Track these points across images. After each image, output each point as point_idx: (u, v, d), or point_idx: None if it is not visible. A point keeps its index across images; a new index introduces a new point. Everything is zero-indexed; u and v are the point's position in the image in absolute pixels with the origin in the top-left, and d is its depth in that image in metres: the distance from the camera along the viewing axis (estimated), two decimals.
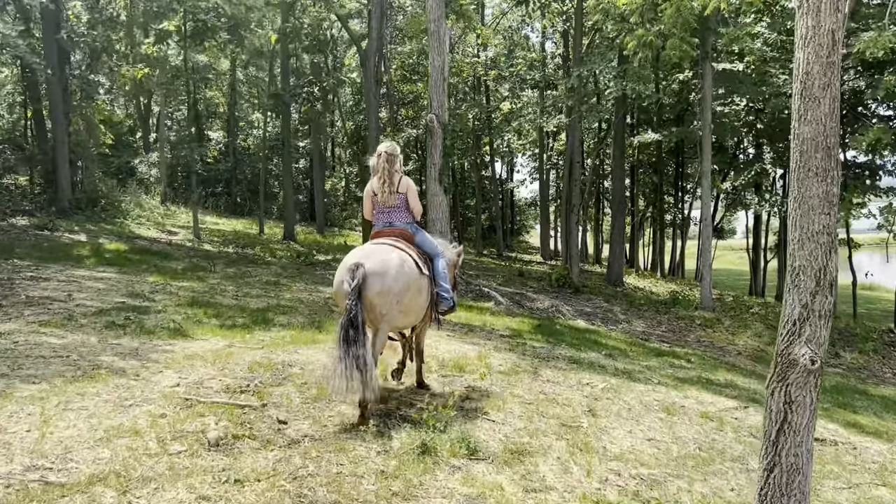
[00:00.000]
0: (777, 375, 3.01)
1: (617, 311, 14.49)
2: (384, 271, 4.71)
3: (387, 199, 5.36)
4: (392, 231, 5.36)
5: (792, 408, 2.95)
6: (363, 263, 4.64)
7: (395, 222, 5.40)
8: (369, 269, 4.63)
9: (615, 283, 19.02)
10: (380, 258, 4.79)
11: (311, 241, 22.37)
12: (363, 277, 4.56)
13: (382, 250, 4.93)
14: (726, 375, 9.11)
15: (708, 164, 14.55)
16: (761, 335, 13.14)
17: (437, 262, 5.57)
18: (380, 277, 4.66)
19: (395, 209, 5.42)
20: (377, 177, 5.35)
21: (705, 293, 14.76)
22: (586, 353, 9.01)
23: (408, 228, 5.44)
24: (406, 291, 4.86)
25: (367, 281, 4.58)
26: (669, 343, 11.80)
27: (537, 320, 11.79)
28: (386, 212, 5.43)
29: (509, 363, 7.33)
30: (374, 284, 4.62)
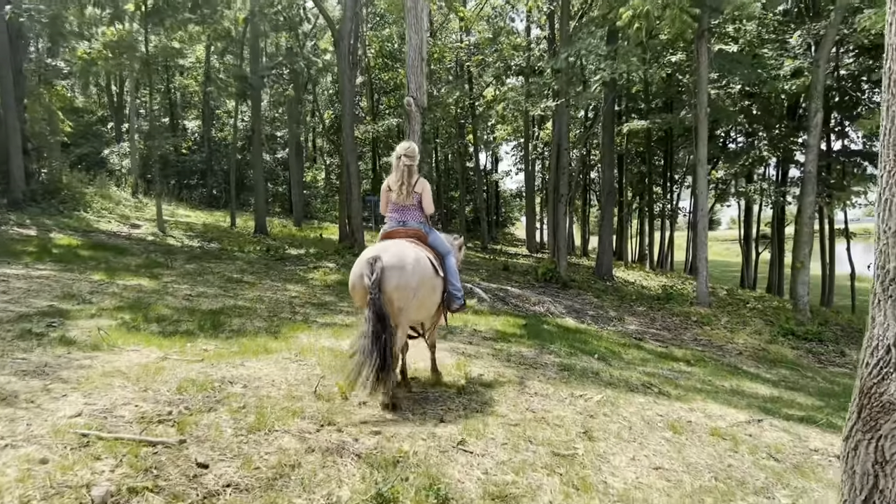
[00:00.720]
0: (862, 424, 2.16)
1: (608, 307, 13.67)
2: (402, 266, 4.82)
3: (403, 199, 5.49)
4: (406, 231, 5.47)
5: (885, 469, 2.09)
6: (381, 257, 4.77)
7: (409, 222, 5.52)
8: (387, 264, 4.74)
9: (604, 276, 18.22)
10: (397, 253, 4.90)
11: (285, 234, 21.38)
12: (381, 271, 4.68)
13: (399, 245, 5.06)
14: (731, 380, 8.31)
15: (704, 151, 13.74)
16: (761, 332, 12.38)
17: (449, 261, 5.70)
18: (397, 272, 4.77)
19: (409, 209, 5.54)
20: (395, 176, 5.48)
21: (701, 288, 13.99)
22: (578, 358, 8.17)
23: (421, 228, 5.55)
24: (421, 287, 4.96)
25: (384, 275, 4.70)
26: (665, 343, 11.00)
27: (523, 319, 10.94)
28: (400, 210, 5.55)
29: (492, 372, 6.47)
30: (392, 278, 4.74)
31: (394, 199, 5.52)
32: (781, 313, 13.89)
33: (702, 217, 14.06)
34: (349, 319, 8.58)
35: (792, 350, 11.70)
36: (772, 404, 7.18)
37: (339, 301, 10.27)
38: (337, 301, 10.25)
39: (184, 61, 35.49)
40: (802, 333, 12.21)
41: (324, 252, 15.95)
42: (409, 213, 5.55)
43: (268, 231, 19.81)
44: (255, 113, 20.19)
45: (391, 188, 5.53)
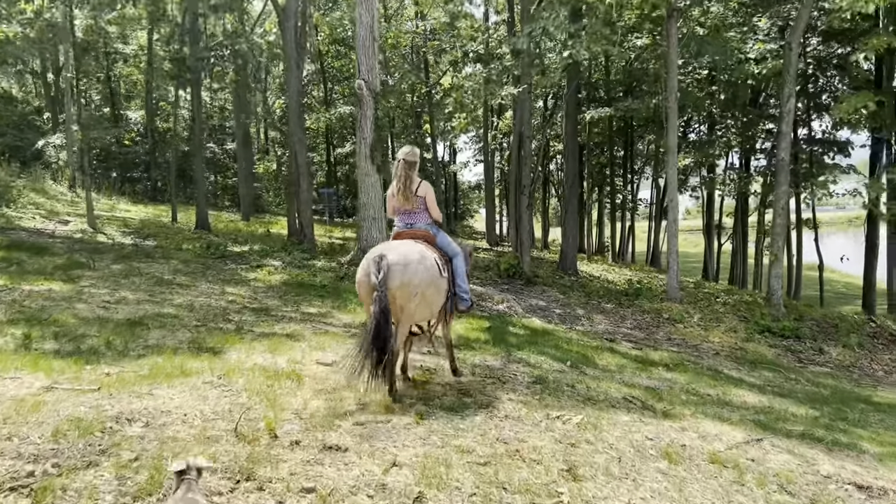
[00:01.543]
0: None
1: (575, 304, 12.93)
2: (406, 264, 4.93)
3: (405, 204, 5.59)
4: (414, 233, 5.57)
5: None
6: (387, 255, 4.89)
7: (417, 223, 5.63)
8: (392, 262, 4.86)
9: (569, 271, 17.51)
10: (402, 252, 5.02)
11: (230, 229, 20.14)
12: (387, 268, 4.80)
13: (405, 245, 5.20)
14: (715, 388, 7.61)
15: (674, 138, 13.06)
16: (736, 330, 11.79)
17: (457, 262, 5.77)
18: (401, 270, 4.88)
19: (415, 212, 5.64)
20: (396, 182, 5.58)
21: (672, 283, 13.35)
22: (549, 366, 7.37)
23: (429, 230, 5.65)
24: (425, 286, 5.05)
25: (389, 272, 4.81)
26: (639, 344, 10.29)
27: (487, 321, 10.10)
28: (406, 213, 5.66)
29: (455, 391, 5.60)
30: (396, 276, 4.85)
31: (397, 204, 5.65)
32: (755, 309, 13.37)
33: (672, 208, 13.40)
34: (291, 328, 7.61)
35: (770, 348, 11.13)
36: (765, 416, 6.49)
37: (282, 305, 9.27)
38: (280, 305, 9.25)
39: (125, 48, 33.72)
40: (779, 330, 11.67)
41: (270, 249, 14.86)
42: (416, 216, 5.66)
43: (210, 226, 18.55)
44: (195, 99, 18.88)
45: (395, 194, 5.63)
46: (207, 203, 38.42)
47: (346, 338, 7.37)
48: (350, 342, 7.26)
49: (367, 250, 12.18)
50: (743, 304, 14.33)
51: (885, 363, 11.00)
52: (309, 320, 8.32)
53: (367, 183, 12.43)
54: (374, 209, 12.49)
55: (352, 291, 11.07)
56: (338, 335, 7.43)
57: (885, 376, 10.45)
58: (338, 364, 6.01)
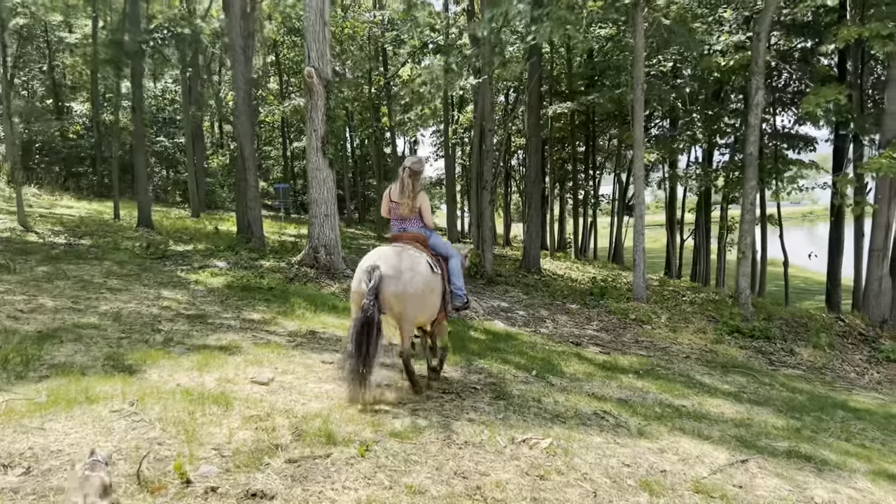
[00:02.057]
0: None
1: (538, 305, 12.41)
2: (398, 272, 5.14)
3: (404, 211, 5.79)
4: (407, 235, 5.78)
5: None
6: (379, 266, 5.08)
7: (409, 227, 5.83)
8: (384, 272, 5.06)
9: (532, 269, 17.02)
10: (393, 260, 5.22)
11: (177, 227, 19.15)
12: (379, 279, 5.00)
13: (396, 252, 5.37)
14: (689, 397, 7.15)
15: (640, 131, 12.61)
16: (705, 331, 11.41)
17: (452, 262, 6.03)
18: (394, 278, 5.10)
19: (411, 219, 5.84)
20: (398, 188, 5.77)
21: (638, 282, 12.92)
22: (513, 377, 6.81)
23: (421, 232, 5.86)
24: (419, 289, 5.26)
25: (383, 282, 5.02)
26: (606, 348, 9.82)
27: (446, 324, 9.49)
28: (402, 219, 5.85)
29: (407, 413, 4.98)
30: (390, 285, 5.06)
31: (398, 210, 5.82)
32: (723, 308, 13.05)
33: (639, 204, 12.95)
34: (228, 338, 6.89)
35: (740, 350, 10.77)
36: (746, 431, 6.02)
37: (222, 311, 8.53)
38: (220, 311, 8.50)
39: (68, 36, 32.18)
40: (748, 331, 11.33)
41: (216, 248, 14.01)
42: (410, 222, 5.86)
43: (153, 224, 17.52)
44: (135, 88, 17.80)
45: (393, 199, 5.84)
46: (157, 199, 37.14)
47: (288, 349, 6.69)
48: (294, 353, 6.59)
49: (318, 250, 11.46)
50: (710, 303, 14.01)
51: (857, 364, 10.74)
52: (250, 328, 7.60)
53: (318, 178, 11.71)
54: (326, 205, 11.78)
55: (301, 295, 10.37)
56: (280, 346, 6.74)
57: (858, 378, 10.17)
58: (274, 382, 5.37)
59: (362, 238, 25.52)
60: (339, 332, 7.92)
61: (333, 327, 8.27)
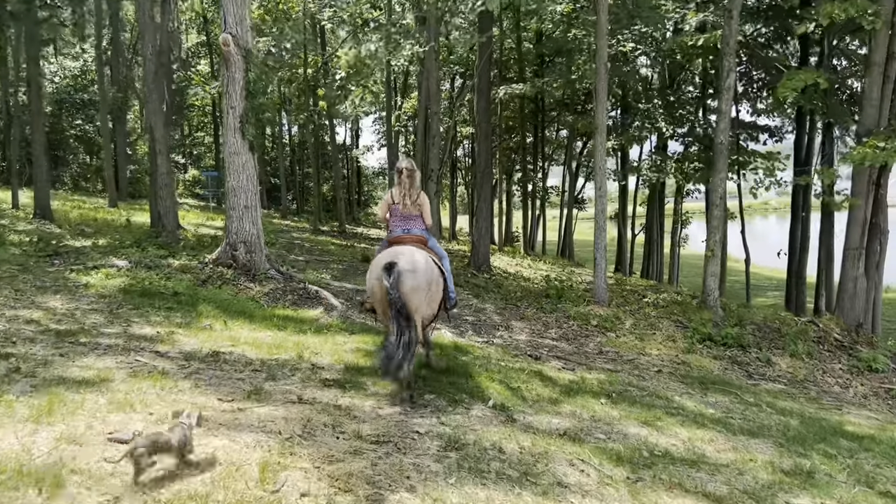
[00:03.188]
0: None
1: (490, 311, 11.17)
2: (414, 269, 5.53)
3: (407, 210, 6.27)
4: (411, 238, 6.20)
5: None
6: (397, 263, 5.46)
7: (413, 229, 6.29)
8: (402, 268, 5.44)
9: (481, 267, 15.78)
10: (409, 258, 5.60)
11: (84, 218, 17.18)
12: (398, 275, 5.38)
13: (410, 251, 5.75)
14: (677, 429, 6.00)
15: (603, 115, 11.47)
16: (674, 339, 10.38)
17: (445, 264, 6.34)
18: (411, 275, 5.48)
19: (413, 218, 6.31)
20: (398, 189, 6.27)
21: (599, 284, 11.81)
22: (465, 410, 5.54)
23: (423, 235, 6.32)
24: (430, 286, 5.72)
25: (401, 278, 5.39)
26: (569, 361, 8.64)
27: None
28: (404, 219, 6.31)
29: (325, 473, 3.66)
30: (407, 281, 5.44)
31: (400, 210, 6.24)
32: (690, 312, 12.09)
33: (600, 197, 11.81)
34: (99, 365, 5.40)
35: (714, 360, 9.78)
36: (753, 480, 4.91)
37: (106, 324, 6.98)
38: (104, 324, 6.96)
39: None
40: (721, 339, 10.35)
41: (120, 243, 12.30)
42: (413, 222, 6.28)
43: (53, 215, 15.49)
44: (30, 60, 15.76)
45: (395, 201, 6.26)
46: (75, 187, 34.48)
47: (177, 380, 5.24)
48: (184, 386, 5.15)
49: (236, 247, 9.92)
50: (675, 305, 13.05)
51: (838, 374, 9.88)
52: (135, 349, 6.10)
53: (236, 163, 10.16)
54: (246, 195, 10.25)
55: (212, 301, 8.88)
56: (166, 377, 5.28)
57: (843, 392, 9.30)
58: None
59: (296, 231, 23.84)
60: (249, 352, 6.49)
61: (245, 345, 6.82)
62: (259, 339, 7.19)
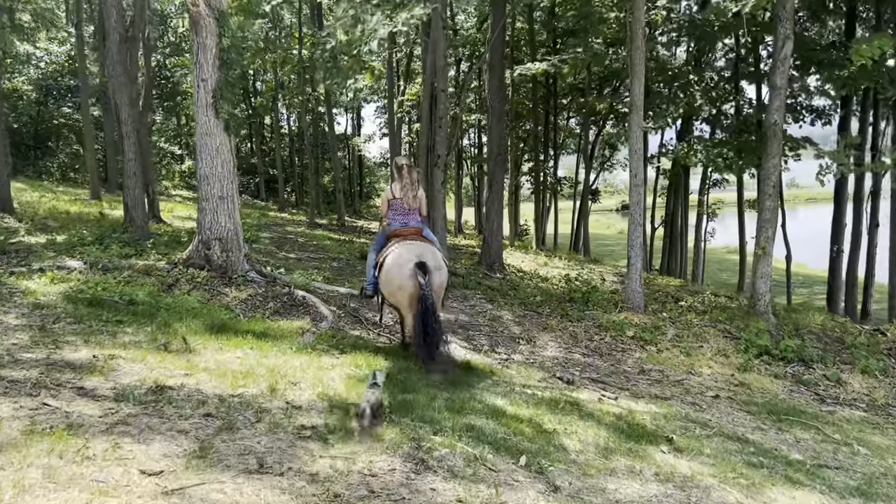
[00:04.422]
0: None
1: (508, 319, 9.71)
2: (440, 267, 6.33)
3: (408, 204, 6.81)
4: (410, 231, 6.73)
5: None
6: (426, 262, 6.10)
7: (410, 222, 6.81)
8: (431, 267, 6.12)
9: (494, 266, 14.30)
10: (433, 257, 6.28)
11: (54, 211, 15.72)
12: (430, 274, 6.03)
13: (429, 249, 6.39)
14: (764, 487, 4.57)
15: (640, 89, 9.93)
16: (726, 353, 8.91)
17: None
18: (438, 273, 6.26)
19: (411, 212, 6.87)
20: (399, 185, 6.83)
21: (633, 287, 10.34)
22: (488, 472, 4.11)
23: (420, 227, 6.89)
24: (447, 280, 6.59)
25: (431, 277, 6.03)
26: (608, 385, 7.20)
27: (384, 356, 6.74)
28: (404, 213, 6.84)
29: None
30: (436, 279, 6.16)
31: (403, 204, 6.81)
32: (737, 318, 10.64)
33: (635, 186, 10.29)
34: None
35: (775, 380, 8.32)
36: None
37: (32, 344, 5.56)
38: (27, 345, 5.54)
39: None
40: (780, 353, 8.88)
41: (80, 240, 10.87)
42: (412, 216, 6.89)
43: (13, 207, 13.96)
44: None
45: (396, 196, 6.83)
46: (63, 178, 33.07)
47: (93, 437, 3.80)
48: (97, 448, 3.70)
49: (210, 244, 8.42)
50: (717, 310, 11.57)
51: None
52: (51, 385, 4.66)
53: (209, 146, 8.70)
54: (221, 184, 8.79)
55: (177, 310, 7.47)
56: (78, 432, 3.84)
57: None
58: None
59: (291, 224, 22.39)
60: (207, 384, 5.06)
61: (205, 372, 5.39)
62: (224, 364, 5.76)
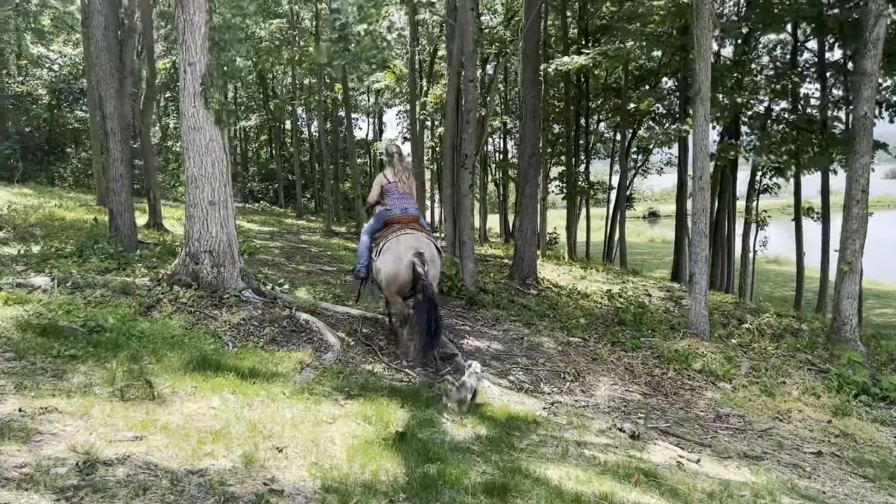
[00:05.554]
0: None
1: (549, 347, 8.31)
2: (433, 256, 6.60)
3: (404, 188, 7.19)
4: (409, 218, 7.04)
5: None
6: (423, 253, 6.46)
7: (409, 209, 7.13)
8: (428, 258, 6.47)
9: (527, 280, 12.92)
10: (429, 247, 6.62)
11: (49, 217, 14.62)
12: (427, 264, 6.39)
13: (425, 240, 6.71)
14: None
15: (707, 78, 8.53)
16: (814, 391, 7.43)
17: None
18: (433, 263, 6.54)
19: (408, 197, 7.22)
20: (391, 170, 7.23)
21: (698, 310, 8.87)
22: None
23: (417, 214, 7.24)
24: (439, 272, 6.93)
25: (428, 267, 6.37)
26: (682, 438, 5.79)
27: (400, 401, 5.40)
28: (402, 197, 7.16)
29: None
30: (431, 270, 6.45)
31: (398, 189, 7.16)
32: (817, 346, 9.16)
33: (701, 189, 8.83)
34: None
35: (881, 427, 6.85)
36: None
37: None
38: None
39: None
40: (881, 391, 7.40)
41: (59, 251, 9.68)
42: (408, 201, 7.18)
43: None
44: None
45: (390, 180, 7.19)
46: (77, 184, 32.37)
47: None
48: None
49: (198, 258, 6.94)
50: (789, 334, 10.08)
51: None
52: None
53: (197, 142, 7.45)
54: (211, 188, 7.53)
55: (152, 339, 6.23)
56: None
57: None
58: None
59: (307, 232, 21.17)
60: (158, 454, 3.77)
61: (162, 434, 4.10)
62: (192, 418, 4.47)
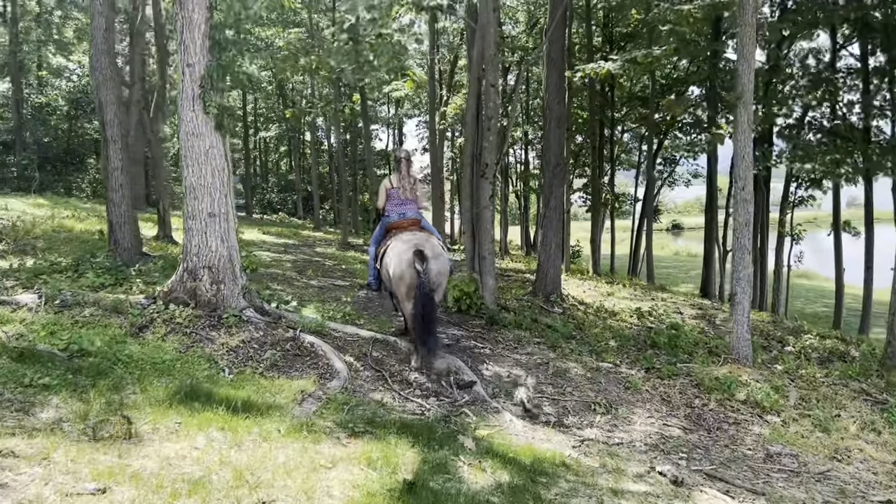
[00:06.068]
0: None
1: (577, 374, 7.63)
2: (436, 255, 6.65)
3: (404, 194, 7.31)
4: (409, 221, 7.22)
5: None
6: (424, 252, 6.50)
7: (407, 213, 7.29)
8: (430, 256, 6.50)
9: (551, 297, 12.24)
10: (429, 245, 6.70)
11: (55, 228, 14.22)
12: (428, 262, 6.43)
13: (427, 239, 6.84)
14: None
15: (749, 80, 7.82)
16: (873, 426, 6.66)
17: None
18: (436, 261, 6.57)
19: (408, 202, 7.34)
20: (397, 176, 7.39)
21: (741, 333, 8.11)
22: None
23: (418, 217, 7.35)
24: (448, 268, 6.90)
25: (429, 265, 6.43)
26: (730, 483, 5.11)
27: (410, 439, 4.78)
28: (400, 203, 7.31)
29: None
30: (434, 267, 6.51)
31: (400, 194, 7.30)
32: (868, 372, 8.42)
33: (744, 201, 8.05)
34: None
35: None
36: None
37: None
38: None
39: None
40: None
41: (54, 265, 9.21)
42: (407, 206, 7.32)
43: None
44: None
45: (394, 186, 7.33)
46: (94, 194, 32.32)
47: None
48: None
49: (197, 274, 6.16)
50: (837, 358, 9.32)
51: None
52: None
53: (196, 149, 6.93)
54: (210, 199, 7.00)
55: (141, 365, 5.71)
56: None
57: None
58: None
59: (322, 244, 20.67)
60: None
61: (130, 485, 3.51)
62: (169, 463, 3.89)
